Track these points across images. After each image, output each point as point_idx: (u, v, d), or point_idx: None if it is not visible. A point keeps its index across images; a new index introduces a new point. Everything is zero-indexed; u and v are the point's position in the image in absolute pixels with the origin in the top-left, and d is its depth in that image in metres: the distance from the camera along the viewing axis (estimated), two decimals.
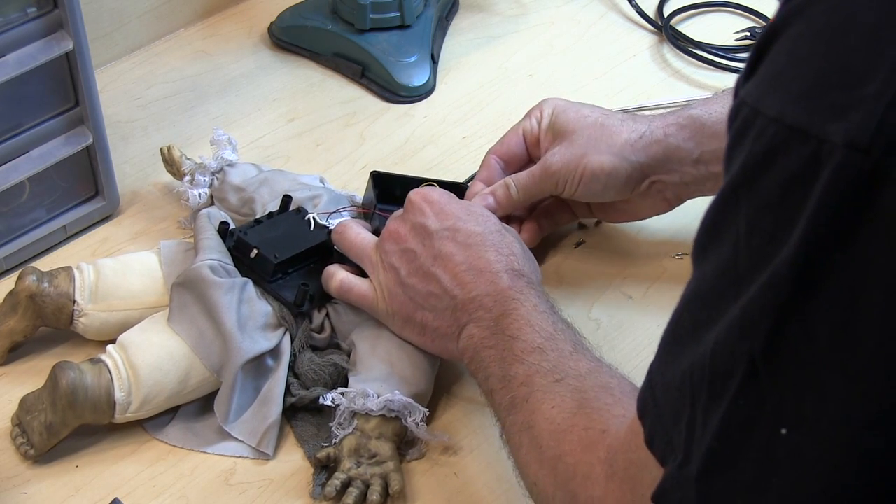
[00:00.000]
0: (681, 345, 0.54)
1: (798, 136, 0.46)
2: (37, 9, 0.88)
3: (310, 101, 1.17)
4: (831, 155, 0.44)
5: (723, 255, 0.50)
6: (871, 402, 0.46)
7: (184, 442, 0.84)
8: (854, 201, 0.44)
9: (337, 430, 0.81)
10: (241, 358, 0.82)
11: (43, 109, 0.92)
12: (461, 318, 0.80)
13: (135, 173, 1.06)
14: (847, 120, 0.44)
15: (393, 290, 0.84)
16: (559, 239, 1.02)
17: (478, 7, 1.31)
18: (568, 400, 0.70)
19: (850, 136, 0.44)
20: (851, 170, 0.44)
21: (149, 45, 1.23)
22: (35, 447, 0.81)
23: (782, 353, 0.48)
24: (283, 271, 0.88)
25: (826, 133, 0.45)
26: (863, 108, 0.44)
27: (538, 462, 0.70)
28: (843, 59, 0.45)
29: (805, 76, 0.46)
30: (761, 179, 0.47)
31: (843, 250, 0.45)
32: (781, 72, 0.48)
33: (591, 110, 0.94)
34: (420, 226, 0.84)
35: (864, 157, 0.44)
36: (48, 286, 0.86)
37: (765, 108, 0.48)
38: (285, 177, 0.98)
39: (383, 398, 0.80)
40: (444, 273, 0.82)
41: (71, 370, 0.79)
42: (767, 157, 0.47)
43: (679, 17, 1.28)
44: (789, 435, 0.48)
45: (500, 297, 0.79)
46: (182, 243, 0.91)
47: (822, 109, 0.45)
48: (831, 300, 0.46)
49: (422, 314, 0.82)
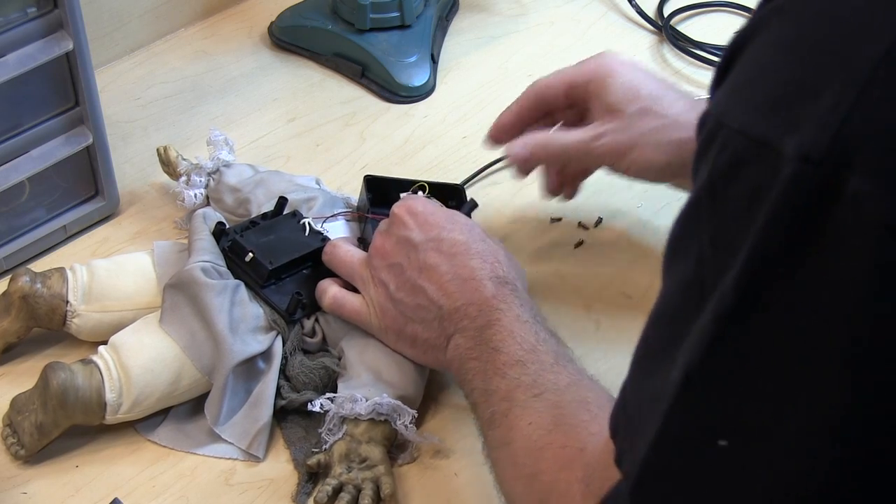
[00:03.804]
0: (651, 361, 0.53)
1: (760, 148, 0.45)
2: (37, 9, 0.88)
3: (310, 101, 1.17)
4: (785, 168, 0.43)
5: (687, 270, 0.49)
6: (815, 415, 0.45)
7: (175, 443, 0.84)
8: (806, 215, 0.43)
9: (327, 435, 0.81)
10: (232, 360, 0.82)
11: (43, 109, 0.92)
12: (448, 329, 0.80)
13: (134, 173, 1.06)
14: (801, 133, 0.43)
15: (384, 305, 0.83)
16: (559, 239, 1.02)
17: (478, 7, 1.31)
18: (545, 416, 0.70)
19: (804, 148, 0.43)
20: (804, 183, 0.43)
21: (149, 45, 1.23)
22: (26, 447, 0.81)
23: (719, 366, 0.47)
24: (277, 276, 0.88)
25: (783, 145, 0.44)
26: (817, 120, 0.43)
27: (515, 479, 0.70)
28: (803, 70, 0.45)
29: (768, 87, 0.46)
30: (725, 192, 0.46)
31: (791, 265, 0.44)
32: (746, 82, 0.47)
33: (647, 81, 0.88)
34: (405, 239, 0.83)
35: (816, 171, 0.42)
36: (41, 287, 0.86)
37: (729, 120, 0.47)
38: (281, 178, 0.98)
39: (371, 401, 0.80)
40: (429, 284, 0.81)
41: (62, 371, 0.79)
42: (731, 170, 0.46)
43: (679, 17, 1.28)
44: (729, 447, 0.47)
45: (485, 307, 0.79)
46: (176, 244, 0.91)
47: (782, 121, 0.44)
48: (777, 314, 0.45)
49: (412, 327, 0.82)
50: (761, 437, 0.46)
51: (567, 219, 1.04)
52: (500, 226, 1.02)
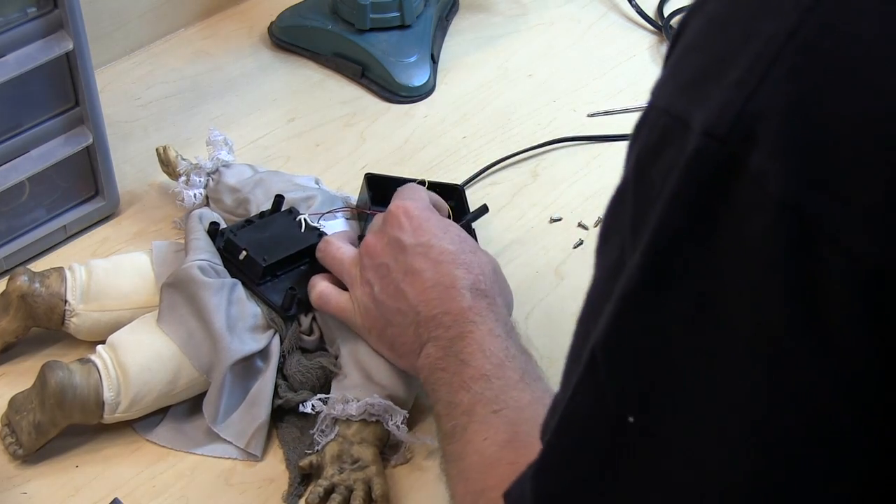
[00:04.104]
0: (574, 356, 0.52)
1: (677, 125, 0.44)
2: (37, 9, 0.88)
3: (310, 101, 1.17)
4: (690, 142, 0.43)
5: (611, 259, 0.49)
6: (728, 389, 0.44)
7: (173, 443, 0.84)
8: (709, 191, 0.43)
9: (319, 436, 0.81)
10: (229, 358, 0.82)
11: (43, 109, 0.92)
12: (422, 336, 0.80)
13: (134, 173, 1.06)
14: (708, 108, 0.43)
15: (367, 305, 0.83)
16: (559, 239, 1.02)
17: (478, 7, 1.31)
18: (500, 432, 0.69)
19: (708, 124, 0.43)
20: (707, 158, 0.43)
21: (149, 45, 1.23)
22: (24, 446, 0.81)
23: (623, 342, 0.46)
24: (273, 273, 0.88)
25: (692, 121, 0.43)
26: (723, 96, 0.42)
27: (464, 494, 0.69)
28: (721, 48, 0.44)
29: (692, 66, 0.45)
30: (648, 172, 0.46)
31: (694, 241, 0.44)
32: (678, 61, 0.47)
33: None
34: (396, 240, 0.83)
35: (719, 146, 0.42)
36: (39, 286, 0.86)
37: (658, 100, 0.46)
38: (280, 178, 0.98)
39: (363, 402, 0.80)
40: (411, 289, 0.81)
41: (60, 370, 0.79)
42: (655, 149, 0.46)
43: (679, 17, 1.28)
44: (637, 422, 0.46)
45: (459, 318, 0.78)
46: (174, 244, 0.91)
47: (696, 98, 0.44)
48: (679, 290, 0.44)
49: (391, 330, 0.82)
50: (668, 416, 0.46)
51: (567, 219, 1.04)
52: (500, 226, 1.02)
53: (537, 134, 1.13)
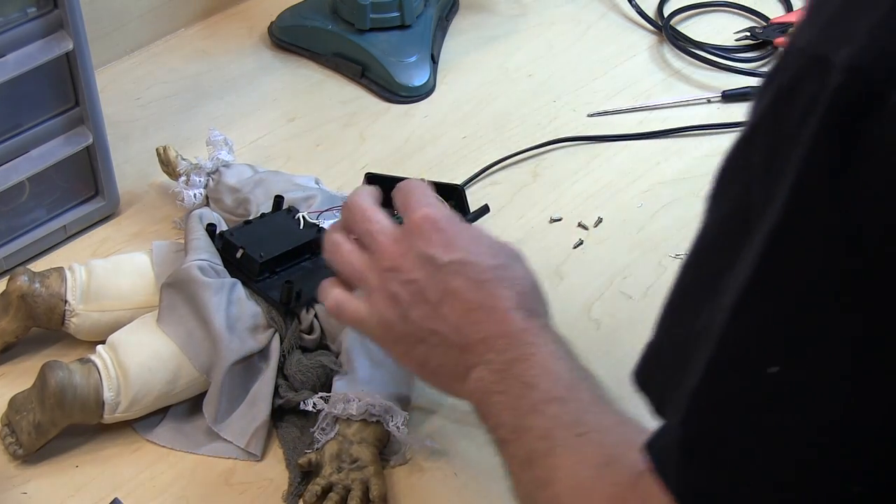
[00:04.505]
0: (690, 304, 0.52)
1: (817, 63, 0.45)
2: (37, 9, 0.88)
3: (310, 101, 1.17)
4: (834, 78, 0.43)
5: (732, 201, 0.49)
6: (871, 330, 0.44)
7: (173, 443, 0.84)
8: (852, 124, 0.43)
9: (319, 434, 0.81)
10: (229, 358, 0.82)
11: (43, 109, 0.92)
12: (469, 360, 0.74)
13: (134, 173, 1.06)
14: (852, 44, 0.43)
15: (390, 320, 0.76)
16: (559, 239, 1.02)
17: (478, 7, 1.31)
18: (592, 455, 0.66)
19: (853, 58, 0.43)
20: (851, 93, 0.43)
21: (149, 45, 1.23)
22: (24, 446, 0.81)
23: (770, 285, 0.46)
24: (271, 270, 0.87)
25: (836, 57, 0.44)
26: (869, 31, 0.43)
27: None
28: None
29: (833, 4, 0.46)
30: (785, 112, 0.46)
31: (837, 176, 0.44)
32: (816, 4, 0.47)
33: None
34: (427, 257, 0.75)
35: (864, 80, 0.43)
36: (39, 286, 0.86)
37: (797, 41, 0.47)
38: (280, 178, 0.98)
39: (364, 402, 0.80)
40: (451, 312, 0.75)
41: (60, 369, 0.79)
42: (792, 89, 0.46)
43: (679, 17, 1.28)
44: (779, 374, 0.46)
45: (514, 341, 0.73)
46: (174, 244, 0.91)
47: (838, 35, 0.44)
48: (827, 223, 0.45)
49: (423, 349, 0.76)
50: (812, 363, 0.46)
51: (567, 219, 1.04)
52: (500, 226, 1.02)
53: (537, 134, 1.13)
